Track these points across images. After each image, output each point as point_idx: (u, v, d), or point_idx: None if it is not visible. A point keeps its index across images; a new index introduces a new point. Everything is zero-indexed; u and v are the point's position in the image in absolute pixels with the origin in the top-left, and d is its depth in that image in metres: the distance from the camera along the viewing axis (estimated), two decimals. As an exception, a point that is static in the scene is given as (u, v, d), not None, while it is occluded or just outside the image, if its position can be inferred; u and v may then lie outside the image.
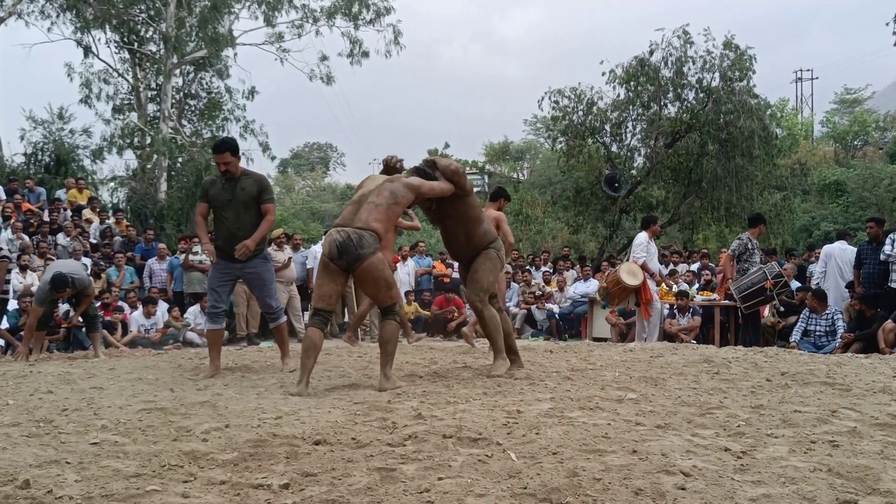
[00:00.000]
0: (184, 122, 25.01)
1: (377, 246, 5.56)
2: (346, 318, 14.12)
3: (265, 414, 4.42)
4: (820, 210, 26.05)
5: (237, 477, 3.10)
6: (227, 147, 6.68)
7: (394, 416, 4.27)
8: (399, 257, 14.51)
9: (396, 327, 5.76)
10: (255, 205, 6.73)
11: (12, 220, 13.44)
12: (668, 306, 12.50)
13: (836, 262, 11.48)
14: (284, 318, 7.33)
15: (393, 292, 5.76)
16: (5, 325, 10.47)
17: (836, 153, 34.86)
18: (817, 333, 10.33)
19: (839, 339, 9.99)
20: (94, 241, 14.27)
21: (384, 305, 5.75)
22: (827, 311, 10.32)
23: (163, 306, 12.11)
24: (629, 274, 10.41)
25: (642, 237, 10.83)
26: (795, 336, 10.41)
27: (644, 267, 10.49)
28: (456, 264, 7.30)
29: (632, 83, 19.16)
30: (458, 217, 6.33)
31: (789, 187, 22.26)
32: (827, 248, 11.88)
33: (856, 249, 11.10)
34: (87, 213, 15.23)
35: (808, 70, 47.78)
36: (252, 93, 24.62)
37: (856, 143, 36.86)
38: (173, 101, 23.64)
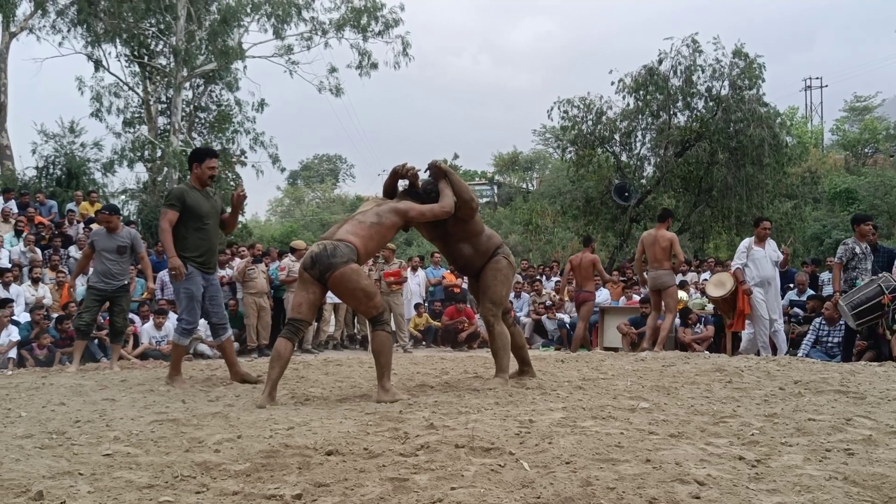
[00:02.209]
0: (194, 134, 25.13)
1: (352, 257, 5.48)
2: (356, 329, 14.11)
3: (277, 425, 4.42)
4: (831, 218, 25.91)
5: (250, 487, 3.09)
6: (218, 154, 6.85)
7: (406, 427, 4.26)
8: (408, 267, 14.48)
9: (387, 337, 5.62)
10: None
11: (25, 233, 13.51)
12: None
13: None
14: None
15: (376, 301, 5.62)
16: (16, 336, 10.50)
17: (847, 161, 34.71)
18: (829, 344, 10.23)
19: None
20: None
21: (370, 316, 5.65)
22: (841, 322, 10.20)
23: (173, 318, 12.11)
24: (715, 285, 9.93)
25: (745, 242, 10.07)
26: (805, 348, 10.28)
27: (736, 275, 9.79)
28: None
29: (641, 92, 19.17)
30: (462, 235, 6.30)
31: (800, 195, 22.17)
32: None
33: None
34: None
35: (817, 78, 47.63)
36: (262, 105, 24.76)
37: (866, 150, 36.71)
38: (183, 113, 23.76)
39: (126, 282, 8.79)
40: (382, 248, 6.41)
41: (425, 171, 6.26)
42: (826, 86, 47.52)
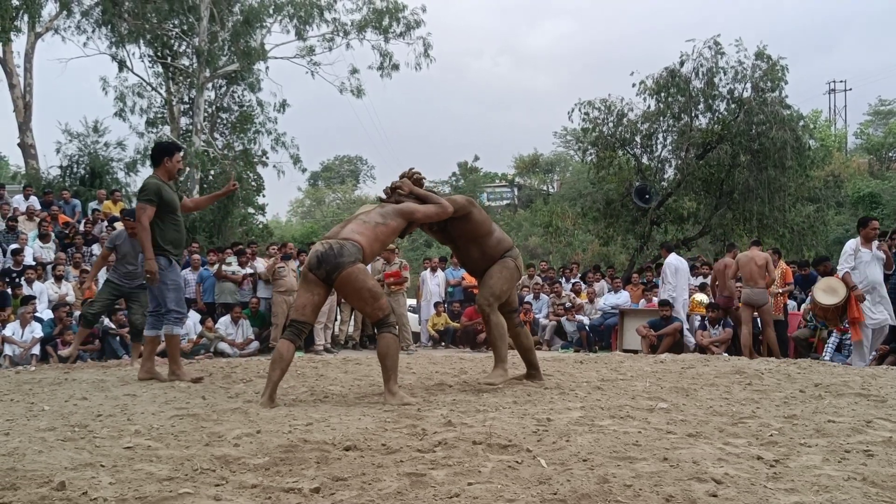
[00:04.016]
0: (216, 135, 25.29)
1: (359, 256, 5.41)
2: (375, 330, 14.13)
3: (296, 420, 4.45)
4: (854, 222, 25.69)
5: (268, 481, 3.12)
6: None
7: (423, 424, 4.28)
8: (409, 268, 14.46)
9: (393, 340, 5.48)
10: None
11: (43, 232, 13.65)
12: (699, 318, 12.42)
13: (679, 273, 12.45)
14: None
15: (381, 303, 5.52)
16: (39, 333, 10.62)
17: (871, 165, 34.35)
18: (852, 347, 10.12)
19: (874, 352, 9.83)
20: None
21: (375, 318, 5.53)
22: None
23: (194, 316, 12.19)
24: (825, 291, 9.38)
25: (851, 244, 9.47)
26: (829, 353, 10.17)
27: (845, 280, 9.12)
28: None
29: (662, 94, 19.05)
30: (467, 236, 6.30)
31: (822, 199, 21.96)
32: (669, 262, 12.72)
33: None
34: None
35: (841, 81, 47.14)
36: (283, 106, 24.86)
37: (890, 154, 36.33)
38: (206, 114, 23.91)
39: (143, 281, 8.88)
40: (384, 249, 6.33)
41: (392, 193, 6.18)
42: (850, 89, 47.09)
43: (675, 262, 12.67)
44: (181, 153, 6.96)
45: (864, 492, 2.92)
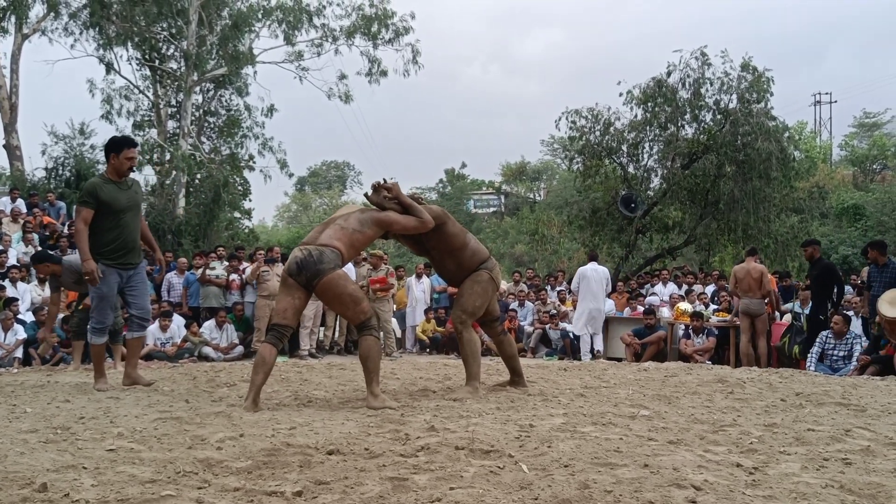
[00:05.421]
0: (203, 138, 25.20)
1: (338, 262, 5.47)
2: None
3: (279, 424, 4.46)
4: (838, 234, 25.85)
5: (251, 484, 3.13)
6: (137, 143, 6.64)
7: (407, 429, 4.30)
8: (395, 274, 14.48)
9: (374, 342, 5.54)
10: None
11: (24, 233, 13.59)
12: (682, 327, 12.48)
13: (588, 282, 12.60)
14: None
15: (363, 307, 5.58)
16: (22, 335, 10.56)
17: (855, 177, 34.60)
18: (834, 357, 10.20)
19: (855, 362, 9.90)
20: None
21: (357, 322, 5.59)
22: (847, 336, 10.16)
23: (178, 320, 12.15)
24: (890, 303, 8.95)
25: None
26: (811, 364, 10.20)
27: None
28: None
29: (649, 104, 19.14)
30: (441, 248, 6.32)
31: (807, 210, 22.07)
32: (581, 269, 13.00)
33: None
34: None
35: (826, 93, 47.43)
36: (271, 110, 24.77)
37: (875, 167, 36.63)
38: (193, 117, 23.83)
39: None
40: (359, 254, 6.37)
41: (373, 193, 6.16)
42: (836, 101, 47.40)
43: (583, 270, 12.86)
44: (134, 149, 6.59)
45: (842, 499, 2.96)
